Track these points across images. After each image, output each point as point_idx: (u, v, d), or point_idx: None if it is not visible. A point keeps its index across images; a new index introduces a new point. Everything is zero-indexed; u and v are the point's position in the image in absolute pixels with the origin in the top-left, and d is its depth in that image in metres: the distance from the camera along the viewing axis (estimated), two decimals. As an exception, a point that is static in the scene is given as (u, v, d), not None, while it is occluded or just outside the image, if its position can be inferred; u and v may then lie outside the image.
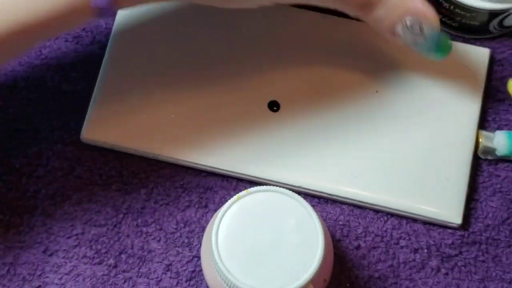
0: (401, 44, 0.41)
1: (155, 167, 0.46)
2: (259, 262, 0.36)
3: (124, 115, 0.46)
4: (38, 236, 0.44)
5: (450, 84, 0.47)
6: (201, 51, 0.47)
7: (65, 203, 0.45)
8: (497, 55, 0.49)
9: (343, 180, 0.45)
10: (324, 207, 0.46)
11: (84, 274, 0.44)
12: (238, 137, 0.45)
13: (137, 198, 0.45)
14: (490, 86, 0.48)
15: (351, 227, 0.45)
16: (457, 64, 0.47)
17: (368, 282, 0.44)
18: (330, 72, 0.47)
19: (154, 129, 0.45)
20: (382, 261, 0.45)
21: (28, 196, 0.45)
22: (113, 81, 0.46)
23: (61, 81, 0.48)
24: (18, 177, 0.45)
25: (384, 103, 0.46)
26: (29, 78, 0.47)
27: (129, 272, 0.44)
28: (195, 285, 0.44)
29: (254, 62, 0.47)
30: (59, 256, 0.44)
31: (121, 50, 0.47)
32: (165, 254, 0.44)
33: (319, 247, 0.36)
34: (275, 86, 0.47)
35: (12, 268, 0.44)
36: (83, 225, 0.45)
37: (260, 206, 0.37)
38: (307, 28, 0.48)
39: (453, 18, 0.48)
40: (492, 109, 0.48)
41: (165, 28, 0.48)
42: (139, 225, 0.45)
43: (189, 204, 0.45)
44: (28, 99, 0.47)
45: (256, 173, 0.45)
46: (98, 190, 0.45)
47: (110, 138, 0.45)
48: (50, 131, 0.46)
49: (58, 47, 0.48)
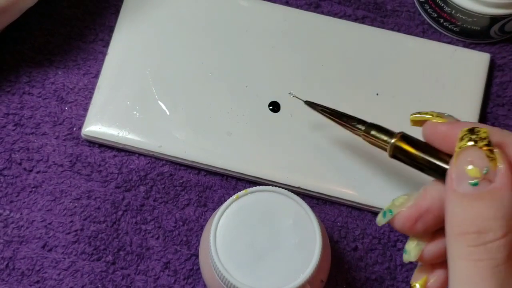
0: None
1: (155, 165, 0.46)
2: (257, 262, 0.36)
3: (125, 113, 0.46)
4: (37, 231, 0.44)
5: (450, 88, 0.47)
6: (201, 52, 0.47)
7: (65, 199, 0.45)
8: (498, 60, 0.49)
9: (342, 182, 0.45)
10: (322, 208, 0.46)
11: (83, 270, 0.44)
12: (238, 136, 0.46)
13: (137, 196, 0.45)
14: (490, 91, 0.49)
15: (349, 229, 0.45)
16: (457, 69, 0.48)
17: (365, 284, 0.45)
18: (330, 73, 0.47)
19: (154, 127, 0.46)
20: (379, 263, 0.45)
21: (28, 192, 0.45)
22: (115, 78, 0.47)
23: (63, 77, 0.48)
24: (19, 172, 0.46)
25: (384, 106, 0.47)
26: (31, 73, 0.48)
27: (127, 269, 0.44)
28: (193, 283, 0.44)
29: (254, 63, 0.47)
30: (58, 252, 0.44)
31: (124, 47, 0.47)
32: (163, 252, 0.44)
33: (317, 248, 0.36)
34: (275, 86, 0.47)
35: (11, 263, 0.44)
36: (83, 221, 0.45)
37: (259, 206, 0.37)
38: (308, 29, 0.48)
39: (454, 23, 0.48)
40: (492, 114, 0.48)
41: (166, 29, 0.48)
42: (138, 223, 0.45)
43: (188, 202, 0.45)
44: (30, 94, 0.47)
45: (255, 173, 0.45)
46: (98, 187, 0.45)
47: (111, 135, 0.45)
48: (51, 126, 0.47)
49: (61, 43, 0.48)
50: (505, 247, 0.29)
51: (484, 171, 0.30)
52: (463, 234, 0.30)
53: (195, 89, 0.47)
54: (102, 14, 0.49)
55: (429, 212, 0.33)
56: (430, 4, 0.48)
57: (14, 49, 0.48)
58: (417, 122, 0.36)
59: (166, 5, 0.48)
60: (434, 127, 0.34)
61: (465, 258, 0.29)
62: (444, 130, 0.34)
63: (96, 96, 0.46)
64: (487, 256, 0.29)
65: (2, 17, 0.43)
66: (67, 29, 0.49)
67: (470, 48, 0.49)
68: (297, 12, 0.49)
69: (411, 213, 0.34)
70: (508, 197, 0.29)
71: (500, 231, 0.29)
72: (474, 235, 0.29)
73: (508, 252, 0.29)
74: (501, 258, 0.29)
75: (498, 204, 0.29)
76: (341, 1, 0.50)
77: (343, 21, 0.49)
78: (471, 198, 0.30)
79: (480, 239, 0.29)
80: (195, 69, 0.47)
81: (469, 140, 0.31)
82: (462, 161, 0.30)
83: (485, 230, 0.29)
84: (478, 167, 0.30)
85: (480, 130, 0.31)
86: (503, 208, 0.29)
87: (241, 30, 0.48)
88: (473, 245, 0.29)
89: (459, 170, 0.30)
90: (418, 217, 0.34)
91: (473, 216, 0.29)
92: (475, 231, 0.29)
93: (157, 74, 0.47)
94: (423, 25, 0.50)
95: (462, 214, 0.30)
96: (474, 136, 0.31)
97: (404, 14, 0.50)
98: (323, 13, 0.49)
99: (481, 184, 0.30)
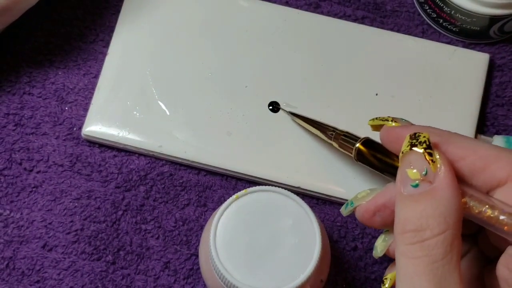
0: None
1: (155, 165, 0.46)
2: (257, 262, 0.36)
3: (125, 113, 0.46)
4: (38, 231, 0.45)
5: (450, 88, 0.47)
6: (201, 52, 0.48)
7: (65, 199, 0.45)
8: (497, 60, 0.49)
9: (342, 182, 0.45)
10: (322, 208, 0.46)
11: (83, 270, 0.44)
12: (238, 136, 0.46)
13: (137, 196, 0.45)
14: (489, 91, 0.49)
15: (348, 228, 0.45)
16: (457, 69, 0.48)
17: (365, 284, 0.45)
18: (330, 73, 0.47)
19: (154, 127, 0.46)
20: (378, 262, 0.45)
21: (28, 191, 0.45)
22: (115, 78, 0.47)
23: (63, 77, 0.48)
24: (19, 172, 0.46)
25: (383, 106, 0.47)
26: (32, 73, 0.48)
27: (127, 269, 0.44)
28: (193, 283, 0.44)
29: (254, 63, 0.47)
30: (58, 252, 0.44)
31: (124, 47, 0.47)
32: (163, 251, 0.45)
33: (316, 247, 0.36)
34: (275, 86, 0.47)
35: (11, 263, 0.44)
36: (83, 221, 0.45)
37: (259, 205, 0.37)
38: (307, 29, 0.48)
39: (454, 23, 0.48)
40: (491, 114, 0.48)
41: (166, 29, 0.48)
42: (138, 223, 0.45)
43: (188, 202, 0.46)
44: (30, 94, 0.47)
45: (255, 173, 0.45)
46: (98, 186, 0.45)
47: (111, 135, 0.45)
48: (51, 126, 0.47)
49: (61, 44, 0.48)
50: (443, 243, 0.30)
51: (423, 173, 0.31)
52: (403, 232, 0.31)
53: (195, 89, 0.47)
54: (102, 15, 0.49)
55: (386, 208, 0.35)
56: (430, 4, 0.48)
57: (14, 49, 0.48)
58: (375, 126, 0.38)
59: (166, 5, 0.48)
60: (389, 131, 0.36)
61: (404, 255, 0.31)
62: (396, 133, 0.35)
63: (96, 96, 0.46)
64: (422, 253, 0.30)
65: (3, 17, 0.43)
66: (68, 29, 0.49)
67: (469, 48, 0.49)
68: (297, 13, 0.49)
69: (369, 206, 0.36)
70: (447, 196, 0.30)
71: (437, 229, 0.30)
72: (412, 233, 0.30)
73: (446, 249, 0.30)
74: (438, 254, 0.30)
75: (437, 203, 0.30)
76: (341, 2, 0.50)
77: (343, 22, 0.49)
78: (411, 199, 0.31)
79: (417, 237, 0.30)
80: (195, 69, 0.47)
81: (409, 145, 0.32)
82: (404, 165, 0.32)
83: (422, 228, 0.30)
84: (417, 169, 0.31)
85: (421, 135, 0.32)
86: (441, 207, 0.30)
87: (241, 30, 0.48)
88: (411, 242, 0.30)
89: (402, 173, 0.32)
90: (375, 210, 0.36)
91: (413, 215, 0.31)
92: (413, 229, 0.30)
93: (157, 74, 0.47)
94: (422, 25, 0.50)
95: (404, 214, 0.31)
96: (414, 140, 0.32)
97: (403, 14, 0.50)
98: (323, 14, 0.50)
99: (421, 185, 0.31)
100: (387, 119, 0.37)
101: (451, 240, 0.30)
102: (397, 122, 0.36)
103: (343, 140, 0.40)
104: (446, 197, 0.30)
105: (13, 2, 0.42)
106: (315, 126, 0.44)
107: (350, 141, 0.39)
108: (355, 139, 0.38)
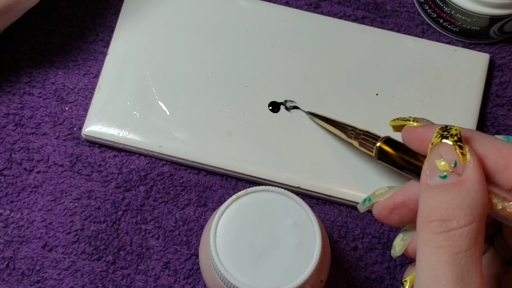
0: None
1: (155, 165, 0.46)
2: (257, 262, 0.36)
3: (125, 113, 0.46)
4: (38, 231, 0.45)
5: (450, 88, 0.47)
6: (201, 52, 0.48)
7: (65, 199, 0.45)
8: (497, 60, 0.49)
9: (342, 182, 0.45)
10: (322, 208, 0.46)
11: (83, 270, 0.44)
12: (238, 136, 0.46)
13: (137, 196, 0.45)
14: (489, 91, 0.49)
15: (348, 228, 0.45)
16: (457, 69, 0.48)
17: (365, 284, 0.45)
18: (330, 73, 0.47)
19: (154, 127, 0.46)
20: (379, 262, 0.45)
21: (29, 192, 0.45)
22: (115, 78, 0.47)
23: (63, 77, 0.48)
24: (19, 172, 0.46)
25: (383, 106, 0.47)
26: (32, 73, 0.48)
27: (128, 269, 0.44)
28: (193, 283, 0.44)
29: (254, 63, 0.47)
30: (58, 252, 0.44)
31: (124, 47, 0.47)
32: (163, 251, 0.45)
33: (317, 247, 0.36)
34: (275, 86, 0.47)
35: (12, 263, 0.44)
36: (83, 221, 0.45)
37: (259, 206, 0.37)
38: (308, 29, 0.48)
39: (454, 23, 0.48)
40: (491, 114, 0.48)
41: (166, 29, 0.48)
42: (138, 223, 0.45)
43: (188, 202, 0.46)
44: (30, 94, 0.47)
45: (255, 173, 0.45)
46: (98, 186, 0.46)
47: (111, 135, 0.45)
48: (52, 126, 0.47)
49: (61, 44, 0.48)
50: (468, 235, 0.30)
51: (452, 165, 0.31)
52: (428, 221, 0.31)
53: (195, 89, 0.47)
54: (102, 15, 0.49)
55: (404, 206, 0.35)
56: (430, 4, 0.48)
57: (14, 49, 0.48)
58: (396, 127, 0.38)
59: (166, 5, 0.48)
60: (412, 131, 0.36)
61: (427, 244, 0.31)
62: (420, 132, 0.35)
63: (96, 96, 0.46)
64: (447, 243, 0.30)
65: (4, 17, 0.43)
66: (68, 30, 0.49)
67: (469, 48, 0.49)
68: (297, 13, 0.49)
69: (387, 203, 0.36)
70: (475, 189, 0.31)
71: (463, 220, 0.30)
72: (438, 222, 0.31)
73: (470, 241, 0.30)
74: (463, 245, 0.30)
75: (465, 194, 0.31)
76: (341, 2, 0.50)
77: (343, 22, 0.49)
78: (439, 190, 0.31)
79: (442, 226, 0.30)
80: (195, 69, 0.47)
81: (440, 136, 0.32)
82: (433, 156, 0.32)
83: (449, 218, 0.30)
84: (447, 161, 0.31)
85: (452, 128, 0.33)
86: (468, 199, 0.30)
87: (241, 30, 0.48)
88: (436, 232, 0.31)
89: (430, 164, 0.32)
90: (393, 208, 0.36)
91: (439, 206, 0.31)
92: (439, 219, 0.31)
93: (157, 74, 0.47)
94: (422, 25, 0.50)
95: (430, 204, 0.31)
96: (445, 132, 0.32)
97: (403, 14, 0.50)
98: (323, 14, 0.50)
99: (450, 176, 0.31)
100: (409, 119, 0.37)
101: (476, 233, 0.30)
102: (418, 122, 0.37)
103: (363, 139, 0.40)
104: (474, 190, 0.31)
105: (14, 2, 0.42)
106: (335, 125, 0.44)
107: (370, 140, 0.39)
108: (375, 138, 0.39)
